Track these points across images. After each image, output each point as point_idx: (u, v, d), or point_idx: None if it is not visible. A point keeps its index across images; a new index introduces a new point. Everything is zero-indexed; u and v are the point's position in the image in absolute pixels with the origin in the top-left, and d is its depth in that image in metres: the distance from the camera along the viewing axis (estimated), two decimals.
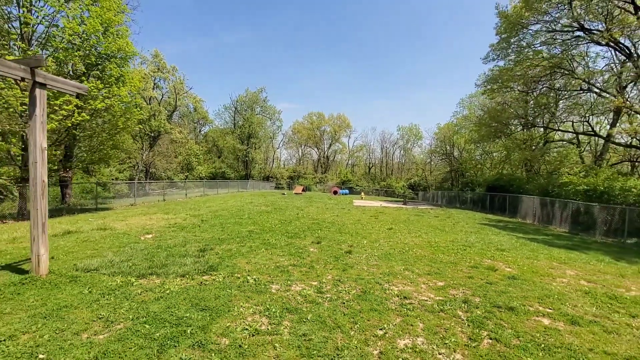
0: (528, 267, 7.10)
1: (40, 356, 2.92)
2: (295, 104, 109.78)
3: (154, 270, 5.55)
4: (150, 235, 8.88)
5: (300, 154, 74.27)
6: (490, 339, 3.66)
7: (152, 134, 30.45)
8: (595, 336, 3.86)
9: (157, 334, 3.36)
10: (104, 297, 4.35)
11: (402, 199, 36.20)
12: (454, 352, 3.34)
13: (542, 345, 3.54)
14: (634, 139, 21.66)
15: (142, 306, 4.07)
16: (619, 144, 23.93)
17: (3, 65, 4.27)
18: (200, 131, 62.59)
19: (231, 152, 56.82)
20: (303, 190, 35.88)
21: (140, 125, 17.30)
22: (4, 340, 3.18)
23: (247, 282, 5.23)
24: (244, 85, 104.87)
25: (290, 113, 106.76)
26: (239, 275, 5.53)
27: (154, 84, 30.63)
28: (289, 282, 5.30)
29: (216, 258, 6.56)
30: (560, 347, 3.51)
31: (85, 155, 16.93)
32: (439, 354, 3.30)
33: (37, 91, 4.66)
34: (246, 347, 3.22)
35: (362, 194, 38.23)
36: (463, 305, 4.62)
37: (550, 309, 4.66)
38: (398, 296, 4.88)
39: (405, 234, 10.87)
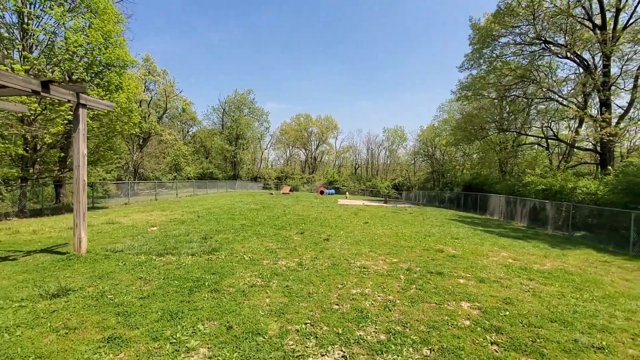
0: (470, 250, 8.81)
1: (109, 296, 4.35)
2: (284, 104, 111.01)
3: (169, 251, 6.97)
4: (155, 228, 10.22)
5: (288, 154, 75.65)
6: (416, 289, 5.27)
7: (143, 136, 31.30)
8: (491, 289, 5.52)
9: (184, 286, 4.83)
10: (136, 267, 5.77)
11: (384, 198, 38.12)
12: (389, 295, 4.93)
13: (450, 292, 5.18)
14: (589, 143, 24.05)
15: (167, 272, 5.52)
16: (579, 148, 26.38)
17: (57, 91, 5.62)
18: (188, 132, 63.19)
19: (219, 152, 57.70)
20: (290, 190, 37.31)
21: (135, 129, 18.42)
22: (77, 289, 4.58)
23: (244, 259, 6.71)
24: (233, 85, 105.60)
25: (278, 113, 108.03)
26: (236, 255, 7.01)
27: (145, 87, 31.51)
28: (276, 259, 6.81)
29: (216, 244, 8.01)
30: (462, 293, 5.15)
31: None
32: (378, 296, 4.89)
33: (81, 110, 6.02)
34: (247, 292, 4.73)
35: (347, 193, 39.94)
36: (405, 272, 6.24)
37: (469, 274, 6.33)
38: (359, 267, 6.46)
39: (378, 227, 12.51)
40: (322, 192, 39.89)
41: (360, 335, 3.64)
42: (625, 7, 21.48)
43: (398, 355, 3.24)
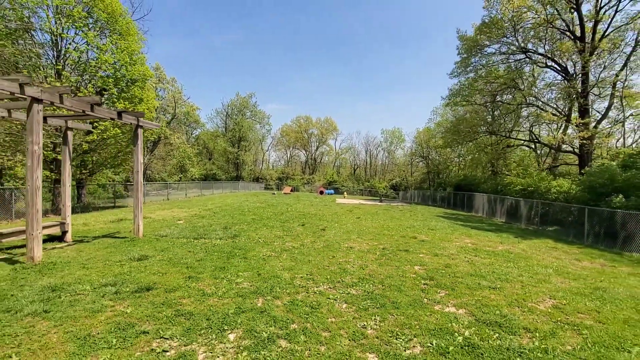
0: (439, 238, 10.91)
1: (175, 259, 6.46)
2: (284, 105, 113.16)
3: (201, 236, 9.09)
4: (181, 221, 12.34)
5: (288, 155, 77.77)
6: (385, 259, 7.38)
7: (153, 140, 33.40)
8: (440, 259, 7.61)
9: (222, 255, 6.95)
10: (183, 245, 7.88)
11: (379, 197, 40.20)
12: (365, 262, 7.03)
13: (409, 261, 7.28)
14: (567, 145, 26.14)
15: (206, 248, 7.64)
16: (559, 150, 28.47)
17: (126, 117, 7.72)
18: (192, 134, 65.36)
19: (222, 154, 59.87)
20: (291, 190, 39.43)
21: (153, 136, 20.56)
22: (151, 256, 6.69)
23: (259, 241, 8.83)
24: (235, 86, 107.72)
25: (279, 114, 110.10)
26: (252, 239, 9.12)
27: (155, 94, 33.58)
28: (284, 242, 8.93)
29: (235, 232, 10.12)
30: (417, 261, 7.26)
31: (101, 160, 20.00)
32: (357, 262, 7.00)
33: (139, 130, 8.14)
34: (266, 259, 6.85)
35: (345, 193, 42.07)
36: (381, 250, 8.35)
37: (429, 252, 8.43)
38: (347, 247, 8.57)
39: (368, 221, 14.62)
40: (321, 192, 42.00)
41: (341, 279, 5.75)
42: (603, 19, 23.46)
43: (362, 288, 5.34)
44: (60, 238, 8.27)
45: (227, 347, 3.29)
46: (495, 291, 5.54)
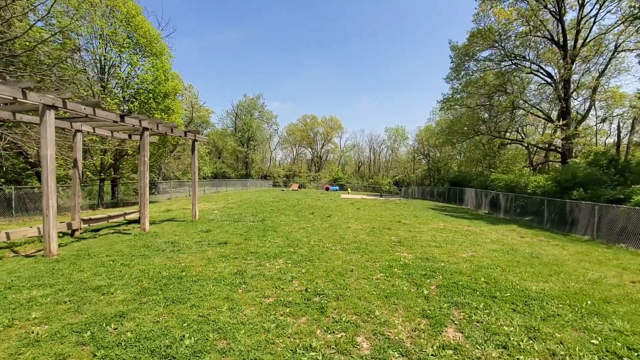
0: (419, 222, 13.98)
1: (230, 231, 9.66)
2: (288, 103, 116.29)
3: (238, 220, 12.30)
4: (216, 211, 15.57)
5: (294, 153, 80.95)
6: (373, 234, 10.50)
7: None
8: (411, 233, 10.70)
9: (259, 229, 10.15)
10: (229, 225, 11.09)
11: (379, 193, 43.24)
12: (358, 235, 10.17)
13: (389, 234, 10.40)
14: (546, 144, 28.89)
15: (246, 227, 10.84)
16: (542, 148, 31.22)
17: (188, 134, 10.90)
18: (202, 134, 68.79)
19: (231, 153, 63.31)
20: (299, 187, 42.63)
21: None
22: (212, 230, 9.89)
23: (281, 223, 12.02)
24: (239, 84, 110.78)
25: (283, 112, 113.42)
26: (276, 222, 12.30)
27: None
28: (300, 224, 12.10)
29: (262, 218, 13.32)
30: (395, 234, 10.37)
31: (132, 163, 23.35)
32: (352, 235, 10.14)
33: (195, 144, 11.34)
34: (289, 232, 10.04)
35: (349, 189, 45.21)
36: (371, 228, 11.48)
37: (405, 230, 11.51)
38: (345, 227, 11.71)
39: (365, 211, 17.74)
40: (327, 189, 45.16)
41: (340, 242, 8.89)
42: (583, 28, 26.05)
43: (353, 246, 8.45)
44: (137, 221, 11.54)
45: (280, 264, 6.46)
46: (438, 248, 8.65)
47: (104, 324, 3.64)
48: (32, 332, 3.41)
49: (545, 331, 3.88)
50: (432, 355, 3.28)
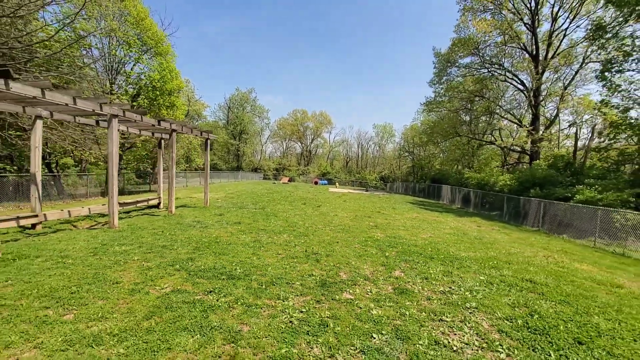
0: (396, 213, 16.43)
1: (239, 216, 11.83)
2: (279, 97, 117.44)
3: (242, 207, 14.44)
4: (220, 200, 17.63)
5: (284, 147, 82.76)
6: (356, 220, 12.86)
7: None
8: (387, 220, 13.10)
9: (262, 214, 12.36)
10: (236, 210, 13.24)
11: (365, 187, 45.86)
12: (344, 220, 12.50)
13: (368, 220, 12.78)
14: (516, 147, 31.90)
15: (251, 213, 13.02)
16: (513, 150, 34.27)
17: (204, 134, 12.92)
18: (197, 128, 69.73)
19: (222, 145, 64.69)
20: (289, 180, 44.72)
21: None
22: (224, 214, 12.04)
23: (280, 210, 14.24)
24: (231, 77, 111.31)
25: (274, 105, 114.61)
26: (275, 209, 14.51)
27: None
28: (294, 211, 14.35)
29: (262, 206, 15.49)
30: (373, 220, 12.75)
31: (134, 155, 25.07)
32: (339, 221, 12.47)
33: (207, 142, 13.38)
34: (288, 217, 12.29)
35: (337, 183, 47.61)
36: (354, 216, 13.84)
37: (383, 218, 13.92)
38: (333, 215, 14.03)
39: (351, 203, 20.12)
40: (316, 183, 47.44)
41: (329, 225, 11.19)
42: (555, 39, 28.85)
43: (339, 228, 10.77)
44: (156, 206, 13.56)
45: (285, 237, 8.71)
46: (405, 231, 11.07)
47: (183, 263, 5.84)
48: (143, 266, 5.58)
49: (455, 273, 6.31)
50: (382, 279, 5.64)
